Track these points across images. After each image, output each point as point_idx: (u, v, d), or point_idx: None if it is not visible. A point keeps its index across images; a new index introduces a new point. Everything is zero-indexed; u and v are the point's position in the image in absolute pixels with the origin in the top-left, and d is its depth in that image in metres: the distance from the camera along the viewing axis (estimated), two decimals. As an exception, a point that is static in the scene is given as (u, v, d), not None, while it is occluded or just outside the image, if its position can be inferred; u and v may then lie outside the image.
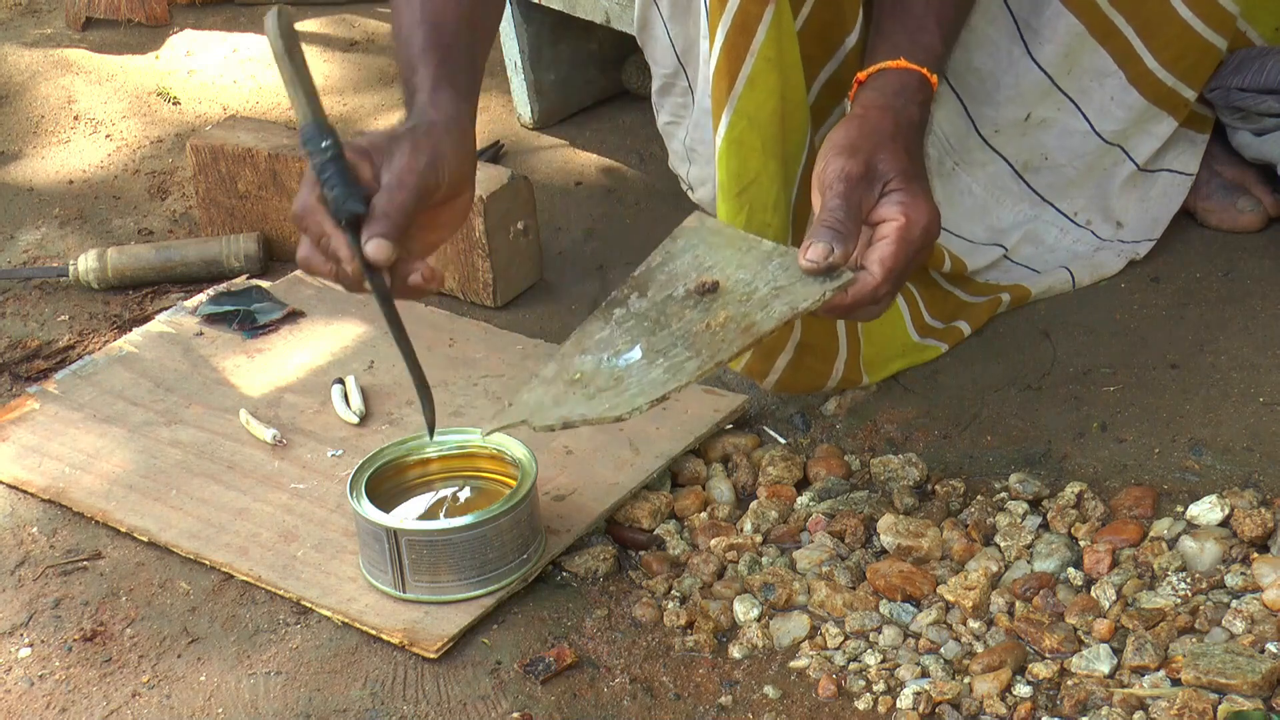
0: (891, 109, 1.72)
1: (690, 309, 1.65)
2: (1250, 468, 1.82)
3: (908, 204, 1.66)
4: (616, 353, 1.63)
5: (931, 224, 1.67)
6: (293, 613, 1.74)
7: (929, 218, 1.66)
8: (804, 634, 1.68)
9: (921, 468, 1.86)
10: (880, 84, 1.75)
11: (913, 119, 1.73)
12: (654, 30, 1.97)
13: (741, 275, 1.65)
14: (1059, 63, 2.02)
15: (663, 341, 1.63)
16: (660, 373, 1.60)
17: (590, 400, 1.59)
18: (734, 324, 1.62)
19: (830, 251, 1.61)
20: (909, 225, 1.65)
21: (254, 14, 2.94)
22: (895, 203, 1.66)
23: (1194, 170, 2.16)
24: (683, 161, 2.02)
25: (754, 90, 1.74)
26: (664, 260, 1.69)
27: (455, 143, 1.64)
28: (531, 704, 1.62)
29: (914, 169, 1.69)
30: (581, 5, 2.38)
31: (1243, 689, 1.55)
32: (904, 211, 1.65)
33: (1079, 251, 2.13)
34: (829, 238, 1.62)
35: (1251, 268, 2.12)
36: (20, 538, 1.86)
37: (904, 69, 1.76)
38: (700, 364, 1.59)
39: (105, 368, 2.09)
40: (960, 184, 2.07)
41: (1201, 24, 2.03)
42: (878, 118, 1.71)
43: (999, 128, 2.05)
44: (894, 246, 1.64)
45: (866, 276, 1.64)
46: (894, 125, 1.70)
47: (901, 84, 1.75)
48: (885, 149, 1.67)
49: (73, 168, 2.56)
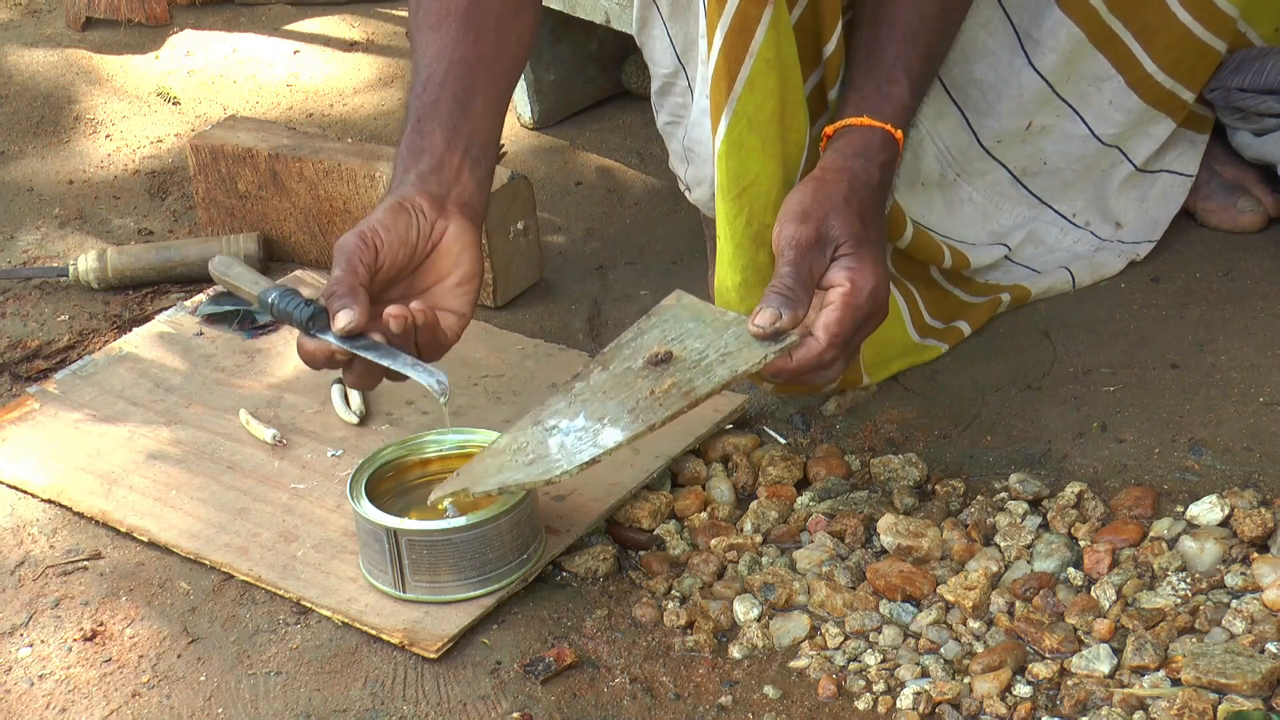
0: (849, 171, 1.77)
1: (643, 379, 1.73)
2: (1250, 468, 1.82)
3: (854, 270, 1.71)
4: (559, 424, 1.71)
5: (878, 288, 1.72)
6: (293, 613, 1.74)
7: (874, 283, 1.72)
8: (804, 634, 1.68)
9: (921, 468, 1.86)
10: (842, 144, 1.80)
11: (871, 179, 1.78)
12: (653, 30, 1.97)
13: (696, 345, 1.74)
14: (1059, 70, 2.02)
15: (606, 409, 1.72)
16: (594, 437, 1.69)
17: (527, 466, 1.68)
18: (676, 390, 1.70)
19: (778, 317, 1.69)
20: (855, 291, 1.70)
21: (254, 14, 2.94)
22: (843, 268, 1.72)
23: (1193, 171, 2.16)
24: (682, 162, 2.02)
25: (753, 91, 1.75)
26: (634, 336, 1.77)
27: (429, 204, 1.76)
28: (531, 704, 1.62)
29: (866, 234, 1.73)
30: (581, 5, 2.38)
31: (1243, 689, 1.55)
32: (850, 277, 1.71)
33: (1079, 252, 2.13)
34: (777, 304, 1.69)
35: (1251, 268, 2.12)
36: (20, 538, 1.86)
37: (867, 127, 1.80)
38: (634, 428, 1.68)
39: (105, 368, 2.09)
40: (961, 193, 2.07)
41: (1201, 27, 2.03)
42: (834, 181, 1.76)
43: (1001, 138, 2.06)
44: (839, 313, 1.70)
45: (812, 342, 1.70)
46: (849, 188, 1.75)
47: (864, 143, 1.80)
48: (838, 213, 1.72)
49: (73, 168, 2.56)
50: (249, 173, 2.27)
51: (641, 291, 2.19)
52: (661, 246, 2.28)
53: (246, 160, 2.27)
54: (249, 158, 2.26)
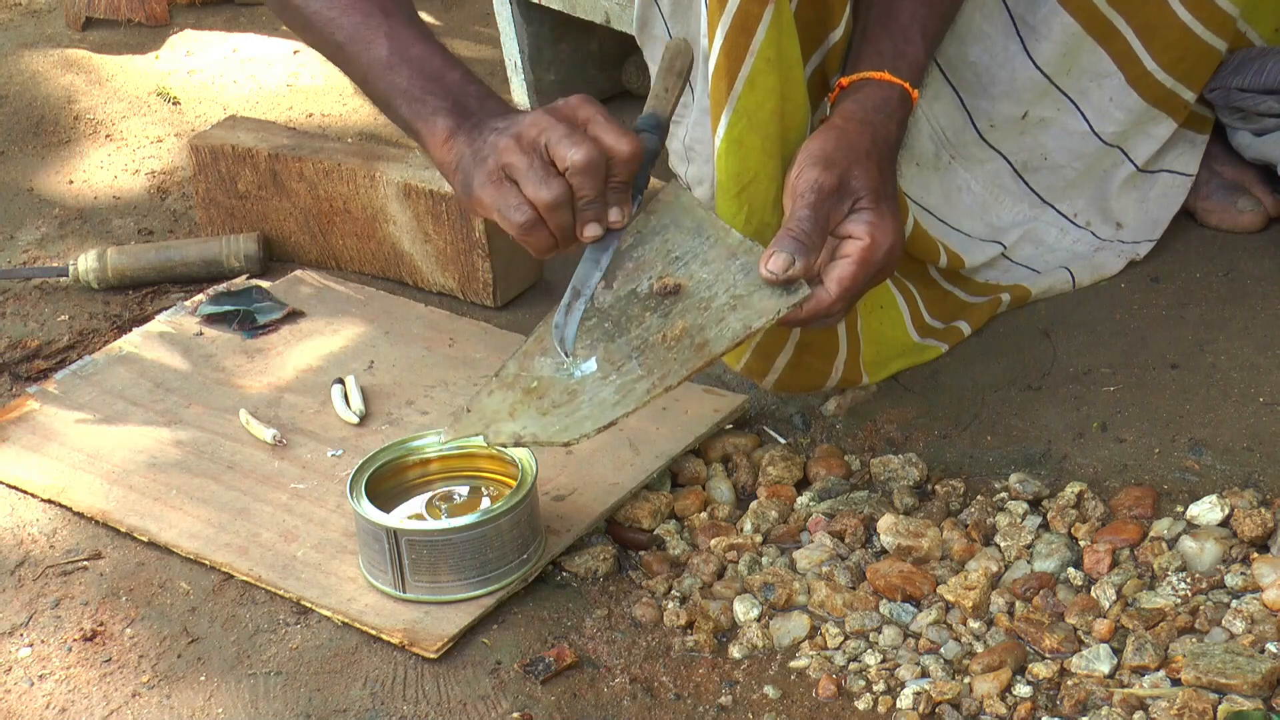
0: (870, 124, 1.74)
1: (650, 312, 1.69)
2: (1250, 468, 1.82)
3: (874, 224, 1.68)
4: (574, 362, 1.67)
5: (895, 246, 1.70)
6: (293, 613, 1.74)
7: (893, 240, 1.69)
8: (804, 634, 1.68)
9: (921, 468, 1.86)
10: (861, 96, 1.77)
11: (890, 136, 1.76)
12: (654, 29, 1.97)
13: (704, 275, 1.69)
14: (1057, 62, 2.02)
15: (619, 352, 1.68)
16: (611, 393, 1.66)
17: (543, 417, 1.65)
18: (688, 339, 1.67)
19: (791, 263, 1.65)
20: (872, 246, 1.68)
21: (254, 14, 2.94)
22: (863, 221, 1.69)
23: (1194, 171, 2.16)
24: (681, 161, 2.02)
25: (753, 90, 1.74)
26: (635, 242, 1.72)
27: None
28: (531, 704, 1.62)
29: (885, 189, 1.71)
30: (581, 5, 2.38)
31: (1243, 689, 1.55)
32: (870, 232, 1.68)
33: (1079, 252, 2.13)
34: (792, 248, 1.65)
35: (1251, 268, 2.12)
36: (20, 538, 1.86)
37: (887, 82, 1.78)
38: (650, 386, 1.65)
39: (105, 368, 2.09)
40: (958, 180, 2.07)
41: (1201, 26, 2.03)
42: (855, 131, 1.73)
43: (994, 123, 2.05)
44: (854, 267, 1.67)
45: (822, 293, 1.67)
46: (870, 141, 1.72)
47: (883, 98, 1.77)
48: (860, 165, 1.70)
49: (73, 168, 2.56)
50: (249, 173, 2.27)
51: (641, 291, 2.19)
52: (661, 246, 2.28)
53: (246, 160, 2.27)
54: (249, 158, 2.26)
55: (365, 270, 2.26)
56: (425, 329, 2.12)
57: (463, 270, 2.17)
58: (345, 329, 2.13)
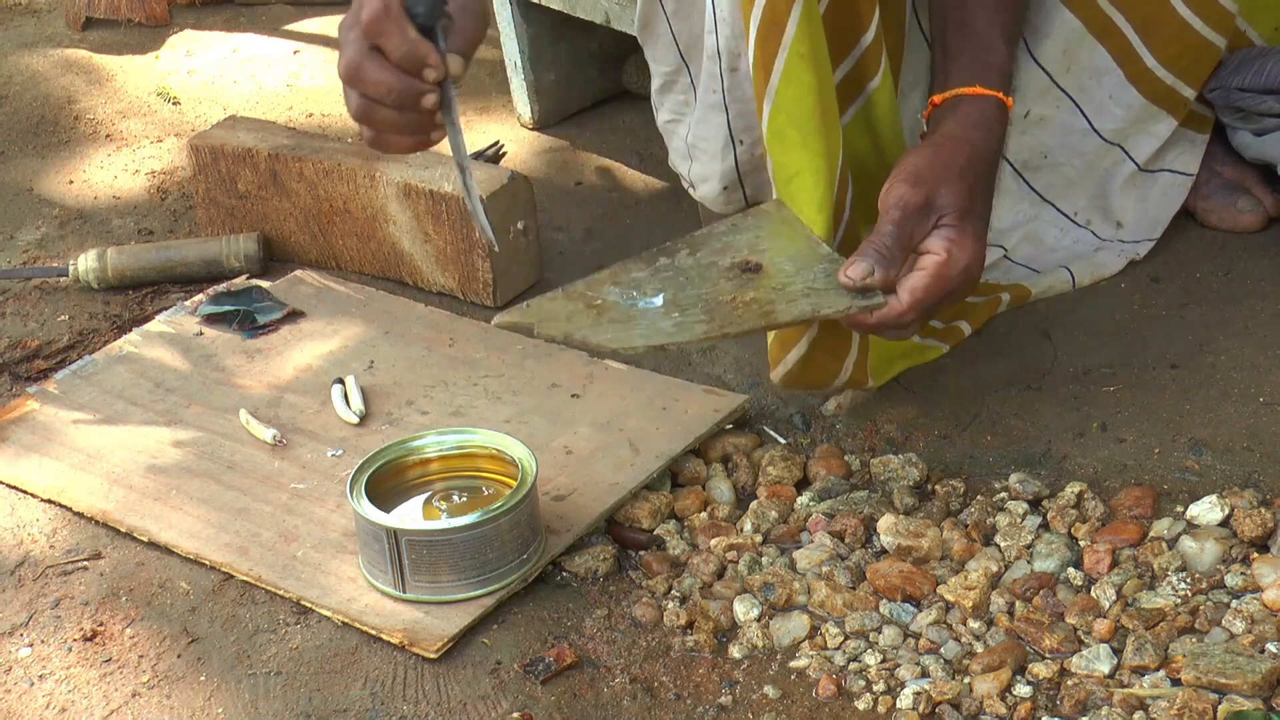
0: (969, 142, 1.77)
1: (726, 279, 1.72)
2: (1250, 468, 1.82)
3: (954, 241, 1.71)
4: (642, 295, 1.71)
5: (973, 264, 1.72)
6: (293, 613, 1.74)
7: (971, 258, 1.71)
8: (804, 634, 1.68)
9: (921, 468, 1.86)
10: (960, 114, 1.80)
11: (990, 152, 1.78)
12: (657, 28, 1.97)
13: (787, 266, 1.73)
14: (1058, 60, 2.02)
15: (686, 298, 1.71)
16: (669, 325, 1.68)
17: (595, 326, 1.67)
18: (757, 305, 1.70)
19: (870, 273, 1.69)
20: (949, 262, 1.71)
21: (254, 14, 2.94)
22: (943, 237, 1.72)
23: (1194, 170, 2.16)
24: (684, 159, 2.02)
25: (789, 84, 1.75)
26: (728, 230, 1.78)
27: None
28: (531, 704, 1.62)
29: (974, 207, 1.73)
30: (581, 5, 2.38)
31: (1243, 689, 1.55)
32: (948, 248, 1.71)
33: (1079, 252, 2.13)
34: (873, 260, 1.69)
35: (1251, 268, 2.12)
36: (20, 538, 1.86)
37: (981, 96, 1.81)
38: (708, 329, 1.67)
39: (105, 368, 2.09)
40: None
41: (1200, 22, 2.03)
42: (952, 150, 1.76)
43: None
44: (928, 280, 1.70)
45: (894, 301, 1.70)
46: (966, 160, 1.75)
47: (981, 114, 1.80)
48: (949, 184, 1.72)
49: (73, 168, 2.56)
50: (249, 173, 2.27)
51: (641, 291, 2.19)
52: (661, 246, 2.28)
53: (246, 160, 2.27)
54: (249, 158, 2.26)
55: (365, 270, 2.26)
56: (425, 329, 2.12)
57: (463, 270, 2.17)
58: (345, 329, 2.13)
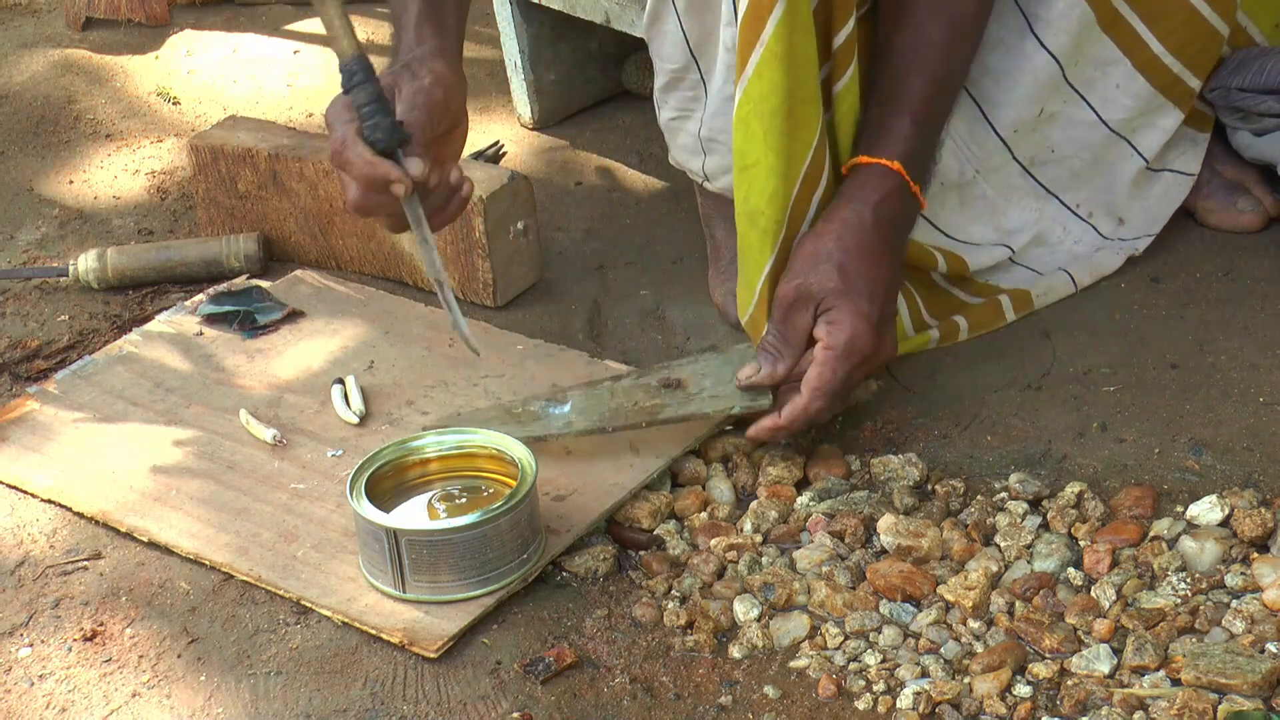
0: (839, 219, 1.85)
1: (645, 393, 1.89)
2: (1250, 468, 1.82)
3: (832, 323, 1.81)
4: (557, 404, 1.89)
5: (855, 338, 1.80)
6: (293, 613, 1.74)
7: (850, 333, 1.80)
8: (804, 634, 1.68)
9: (921, 468, 1.86)
10: (845, 187, 1.88)
11: (863, 223, 1.84)
12: (665, 25, 1.96)
13: (706, 383, 1.88)
14: (1070, 53, 2.01)
15: (594, 407, 1.88)
16: (559, 423, 1.87)
17: (503, 425, 1.86)
18: (650, 409, 1.86)
19: (757, 371, 1.84)
20: (830, 345, 1.81)
21: (254, 14, 2.94)
22: (823, 323, 1.82)
23: (1195, 170, 2.16)
24: (694, 154, 2.01)
25: (760, 80, 1.77)
26: (690, 361, 1.92)
27: (447, 67, 1.80)
28: (531, 704, 1.62)
29: (846, 284, 1.81)
30: (581, 5, 2.38)
31: (1243, 689, 1.55)
32: (827, 331, 1.82)
33: (1079, 252, 2.13)
34: (761, 359, 1.84)
35: (1251, 268, 2.12)
36: (20, 538, 1.86)
37: (865, 165, 1.87)
38: (589, 424, 1.86)
39: (105, 368, 2.09)
40: (977, 190, 2.07)
41: (1207, 8, 2.03)
42: (823, 235, 1.85)
43: (1018, 127, 2.05)
44: (818, 368, 1.81)
45: (796, 398, 1.82)
46: (835, 241, 1.83)
47: (859, 184, 1.88)
48: (816, 271, 1.82)
49: (73, 168, 2.56)
50: (249, 173, 2.27)
51: (641, 291, 2.19)
52: (661, 246, 2.28)
53: (246, 160, 2.27)
54: (249, 158, 2.26)
55: (365, 270, 2.26)
56: (425, 329, 2.12)
57: (463, 270, 2.17)
58: (345, 329, 2.13)
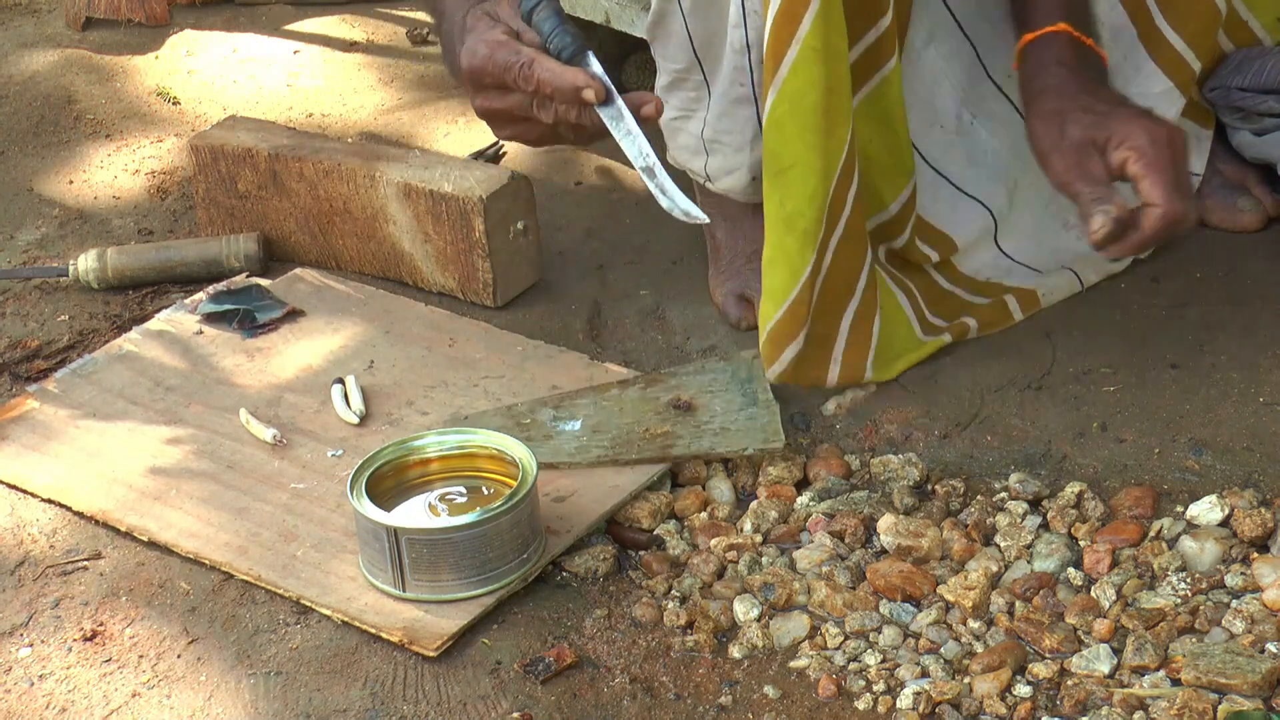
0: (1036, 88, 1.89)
1: (654, 414, 1.88)
2: (1250, 468, 1.82)
3: (1127, 139, 1.80)
4: (568, 419, 1.89)
5: (1153, 133, 1.81)
6: (293, 612, 1.74)
7: (1149, 134, 1.81)
8: (804, 634, 1.68)
9: (921, 468, 1.86)
10: (1025, 66, 1.92)
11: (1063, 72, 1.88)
12: (670, 25, 1.96)
13: (717, 406, 1.89)
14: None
15: (605, 426, 1.87)
16: (572, 447, 1.85)
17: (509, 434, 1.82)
18: (662, 439, 1.86)
19: (1107, 215, 1.77)
20: (1142, 152, 1.79)
21: (254, 14, 2.94)
22: (1122, 149, 1.80)
23: (1201, 170, 2.15)
24: (696, 154, 2.01)
25: (796, 77, 1.77)
26: (695, 371, 1.94)
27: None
28: (531, 704, 1.62)
29: (1105, 109, 1.84)
30: (581, 5, 2.38)
31: (1243, 689, 1.55)
32: (1131, 146, 1.79)
33: (1081, 250, 2.12)
34: (1096, 213, 1.78)
35: (1251, 268, 2.12)
36: (20, 538, 1.86)
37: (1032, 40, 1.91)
38: (602, 454, 1.84)
39: (105, 367, 2.09)
40: (981, 144, 2.06)
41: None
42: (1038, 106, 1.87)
43: (1010, 72, 2.04)
44: (1151, 175, 1.78)
45: (1151, 209, 1.78)
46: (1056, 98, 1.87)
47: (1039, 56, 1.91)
48: (1070, 121, 1.83)
49: (73, 168, 2.56)
50: (249, 173, 2.27)
51: (641, 291, 2.19)
52: (661, 246, 2.28)
53: (246, 160, 2.27)
54: (249, 158, 2.26)
55: (365, 270, 2.25)
56: (425, 329, 2.12)
57: (463, 270, 2.17)
58: (345, 328, 2.13)
